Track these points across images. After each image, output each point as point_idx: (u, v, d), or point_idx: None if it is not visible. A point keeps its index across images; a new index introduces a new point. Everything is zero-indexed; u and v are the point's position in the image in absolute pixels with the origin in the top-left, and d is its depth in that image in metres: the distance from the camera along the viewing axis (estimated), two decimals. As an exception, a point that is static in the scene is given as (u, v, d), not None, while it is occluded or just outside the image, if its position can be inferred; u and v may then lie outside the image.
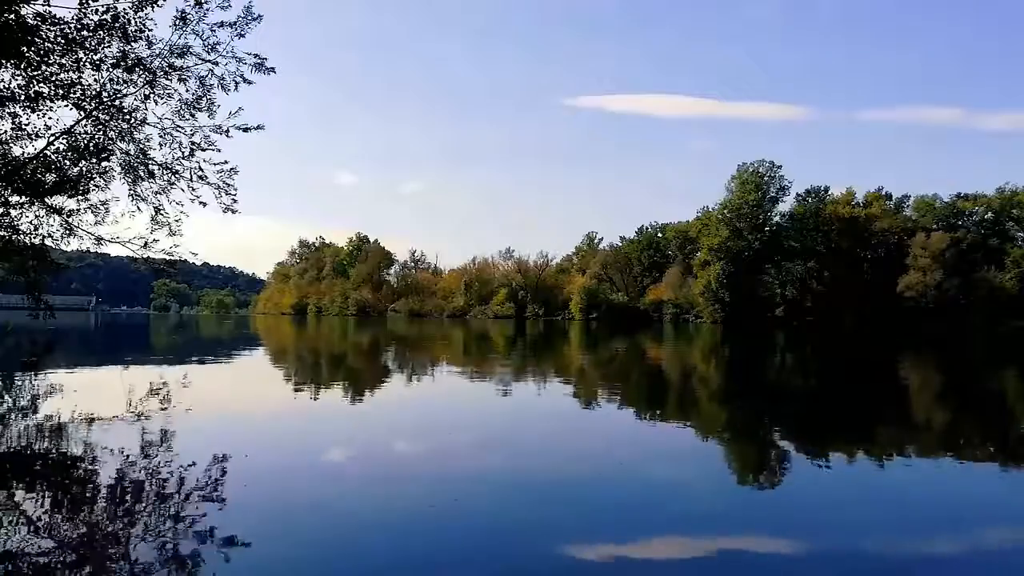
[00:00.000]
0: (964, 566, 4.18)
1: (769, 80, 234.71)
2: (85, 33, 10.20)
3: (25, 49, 9.73)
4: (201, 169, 11.75)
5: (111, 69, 10.77)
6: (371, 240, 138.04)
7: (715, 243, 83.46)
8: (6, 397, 10.70)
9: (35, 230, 11.69)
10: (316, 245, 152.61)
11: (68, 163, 11.30)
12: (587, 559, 4.09)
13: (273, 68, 11.59)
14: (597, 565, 4.00)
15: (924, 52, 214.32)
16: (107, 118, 11.24)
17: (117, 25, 10.33)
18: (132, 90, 11.17)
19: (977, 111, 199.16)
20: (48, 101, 10.46)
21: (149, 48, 10.90)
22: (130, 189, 11.91)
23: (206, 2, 10.87)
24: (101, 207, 11.90)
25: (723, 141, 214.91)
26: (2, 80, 10.17)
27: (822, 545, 4.41)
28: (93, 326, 53.73)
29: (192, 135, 11.62)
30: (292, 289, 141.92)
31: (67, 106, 10.75)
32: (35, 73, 10.13)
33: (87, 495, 5.14)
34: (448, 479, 5.93)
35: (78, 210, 11.81)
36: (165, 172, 11.82)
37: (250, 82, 11.55)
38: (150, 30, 10.70)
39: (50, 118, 10.75)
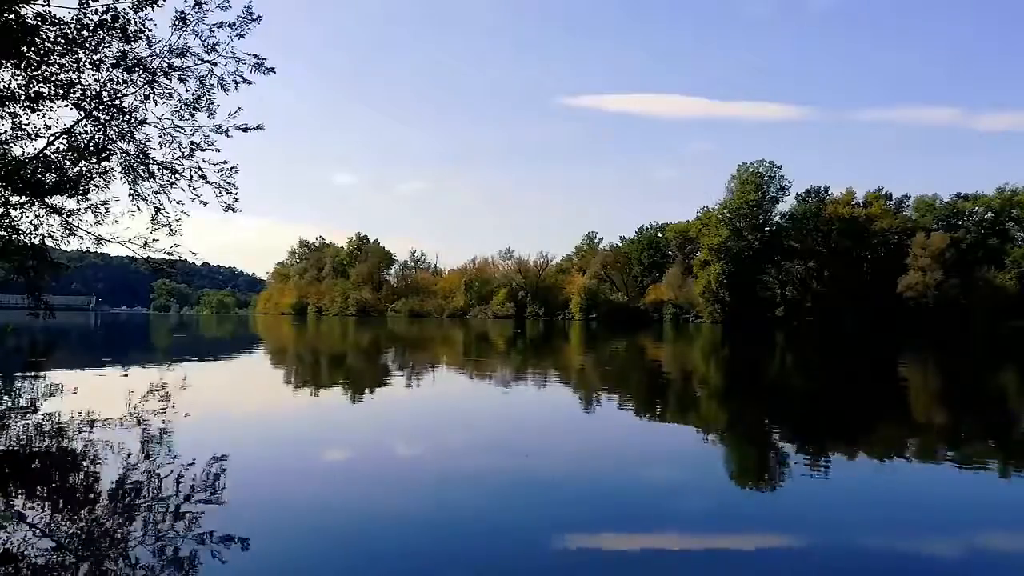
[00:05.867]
0: (964, 566, 4.18)
1: (769, 80, 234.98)
2: (85, 33, 10.19)
3: (25, 49, 9.72)
4: (201, 168, 11.74)
5: (111, 69, 10.76)
6: (371, 240, 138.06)
7: (715, 243, 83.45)
8: (6, 397, 10.70)
9: (35, 230, 11.66)
10: (316, 245, 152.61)
11: (68, 163, 11.28)
12: (587, 558, 4.09)
13: (273, 68, 11.59)
14: (597, 564, 4.00)
15: (923, 52, 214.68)
16: (107, 118, 11.23)
17: (117, 25, 10.32)
18: (132, 90, 11.16)
19: (976, 111, 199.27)
20: (48, 101, 10.45)
21: (149, 48, 10.89)
22: (130, 189, 11.89)
23: (206, 2, 10.87)
24: (101, 207, 11.88)
25: (723, 141, 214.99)
26: (2, 80, 10.17)
27: (822, 545, 4.41)
28: (93, 326, 53.70)
29: (192, 135, 11.60)
30: (292, 289, 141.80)
31: (67, 106, 10.73)
32: (35, 73, 10.11)
33: (87, 495, 5.14)
34: (448, 478, 5.93)
35: (78, 210, 11.79)
36: (165, 172, 11.81)
37: (250, 82, 11.54)
38: (150, 30, 10.69)
39: (50, 118, 10.73)
